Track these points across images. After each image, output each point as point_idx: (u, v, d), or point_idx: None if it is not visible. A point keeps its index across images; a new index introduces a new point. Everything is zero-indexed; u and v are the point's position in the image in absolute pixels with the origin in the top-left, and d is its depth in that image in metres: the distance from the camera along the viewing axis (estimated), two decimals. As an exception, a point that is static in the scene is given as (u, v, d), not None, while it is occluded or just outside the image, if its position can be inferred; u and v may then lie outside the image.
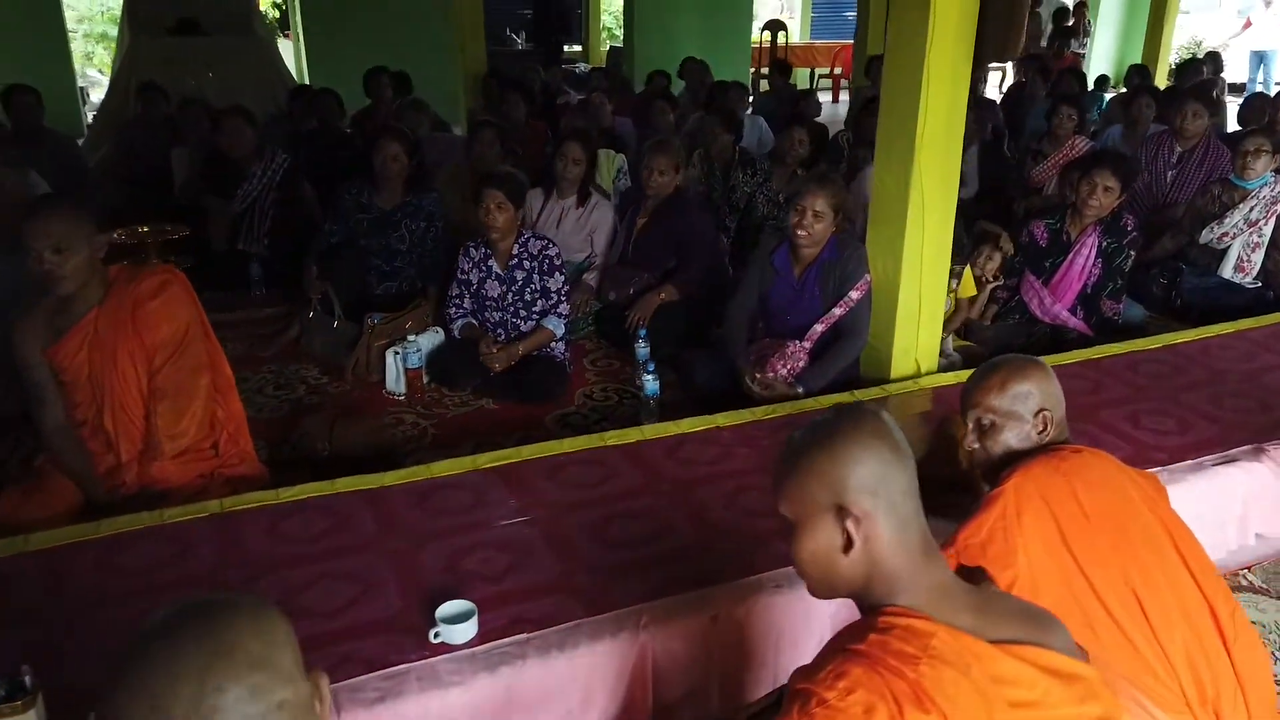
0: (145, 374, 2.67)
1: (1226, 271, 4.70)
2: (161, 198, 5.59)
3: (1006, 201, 6.17)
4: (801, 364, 3.40)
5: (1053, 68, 9.58)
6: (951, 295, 4.09)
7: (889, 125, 3.25)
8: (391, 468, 2.74)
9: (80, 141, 7.50)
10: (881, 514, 1.28)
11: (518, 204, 3.66)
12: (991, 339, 4.15)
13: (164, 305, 2.67)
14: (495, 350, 3.63)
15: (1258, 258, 4.68)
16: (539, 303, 3.75)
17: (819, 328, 3.42)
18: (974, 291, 4.20)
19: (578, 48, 15.36)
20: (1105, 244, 4.06)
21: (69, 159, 5.75)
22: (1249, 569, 2.70)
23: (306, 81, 11.03)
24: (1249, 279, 4.69)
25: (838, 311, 3.40)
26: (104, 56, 14.62)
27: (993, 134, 8.22)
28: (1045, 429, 1.93)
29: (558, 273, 3.74)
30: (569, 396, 3.75)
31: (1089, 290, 4.12)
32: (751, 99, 9.58)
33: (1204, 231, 4.77)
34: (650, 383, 3.47)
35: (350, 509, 2.44)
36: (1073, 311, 4.14)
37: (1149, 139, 5.83)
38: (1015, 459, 1.91)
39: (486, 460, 2.70)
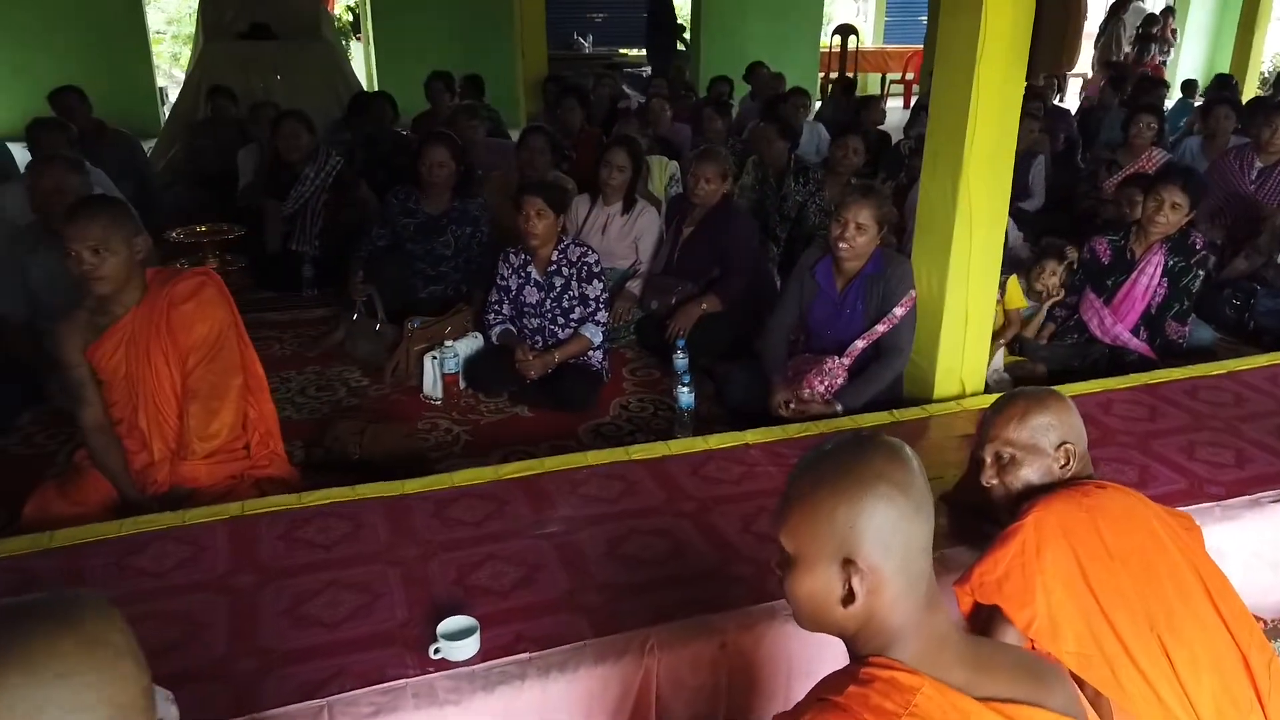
0: (179, 374, 2.71)
1: (1305, 293, 4.46)
2: (227, 199, 5.73)
3: (1081, 214, 5.95)
4: (840, 381, 3.31)
5: (1130, 76, 9.27)
6: (999, 307, 3.95)
7: (937, 135, 3.15)
8: (422, 474, 2.75)
9: (155, 142, 7.74)
10: (891, 571, 1.18)
11: (558, 211, 3.64)
12: (1047, 358, 4.00)
13: (198, 307, 2.71)
14: (531, 358, 3.62)
15: (1340, 279, 4.44)
16: (577, 310, 3.73)
17: (860, 344, 3.32)
18: (1022, 304, 4.04)
19: (643, 51, 15.36)
20: (1171, 263, 3.88)
21: (130, 158, 5.92)
22: (1306, 615, 2.54)
23: (376, 84, 11.28)
24: (1329, 301, 4.45)
25: (880, 328, 3.30)
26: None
27: (1065, 144, 8.00)
28: (1068, 463, 1.83)
29: (596, 280, 3.71)
30: (604, 406, 3.71)
31: (1153, 311, 3.94)
32: (818, 104, 9.46)
33: (1283, 251, 4.54)
34: (685, 395, 3.42)
35: (369, 516, 2.44)
36: (1135, 333, 3.96)
37: (1228, 152, 5.56)
38: (1036, 495, 1.81)
39: (510, 471, 2.67)
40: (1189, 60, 14.12)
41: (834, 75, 14.45)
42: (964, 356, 3.28)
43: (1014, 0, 2.86)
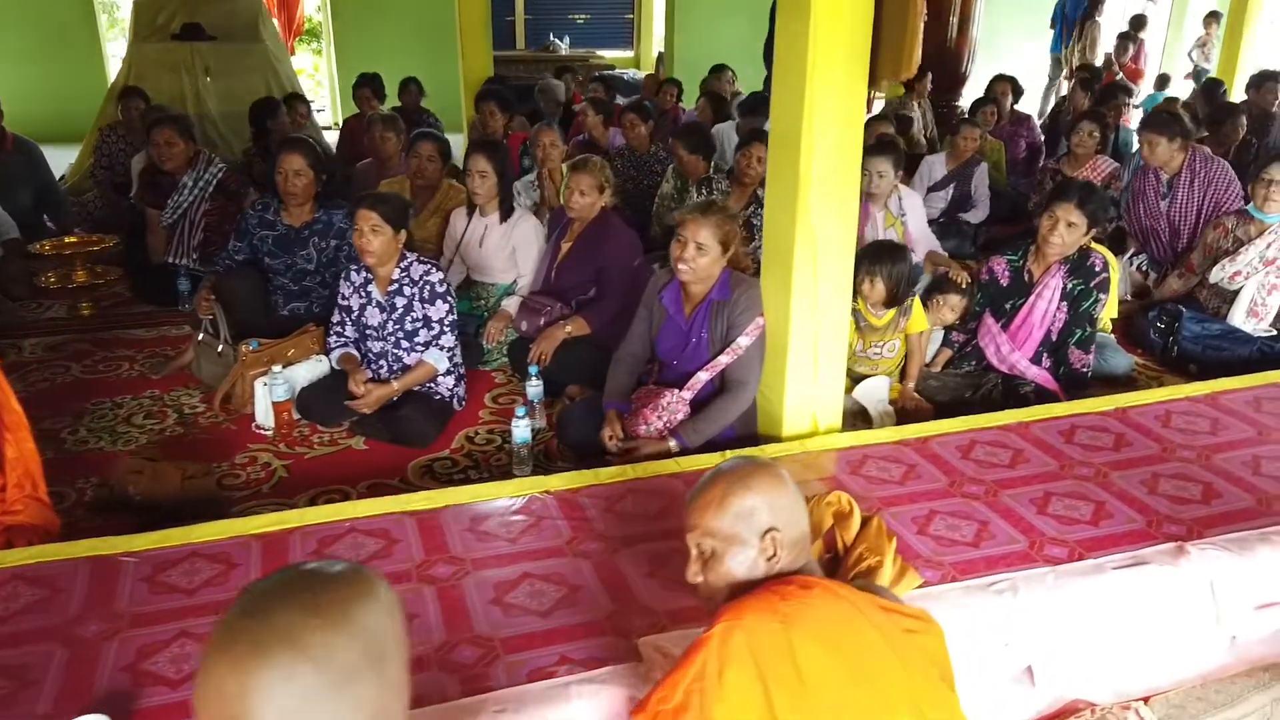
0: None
1: (1238, 316, 4.11)
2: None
3: (1033, 227, 5.60)
4: (679, 417, 3.02)
5: (1101, 79, 8.90)
6: (899, 335, 3.65)
7: (776, 151, 2.85)
8: (217, 517, 2.50)
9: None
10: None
11: (397, 226, 3.36)
12: (937, 388, 3.69)
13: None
14: (366, 388, 3.34)
15: (1274, 301, 4.10)
16: (421, 333, 3.45)
17: (703, 376, 3.03)
18: (924, 326, 3.73)
19: (629, 53, 15.09)
20: (1070, 286, 3.56)
21: (31, 166, 5.70)
22: (1145, 700, 2.22)
23: (337, 88, 11.07)
24: (1263, 325, 4.11)
25: (724, 359, 3.01)
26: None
27: (1028, 150, 7.65)
28: (775, 554, 1.53)
29: (440, 301, 3.44)
30: (450, 438, 3.43)
31: (1054, 338, 3.62)
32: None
33: (1214, 269, 4.20)
34: (519, 429, 3.13)
35: (64, 581, 2.17)
36: (1037, 361, 3.64)
37: (1146, 167, 5.14)
38: (741, 593, 1.52)
39: (256, 525, 2.39)
40: (1183, 62, 13.66)
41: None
42: (815, 391, 2.98)
43: (847, 1, 2.55)
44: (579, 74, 9.13)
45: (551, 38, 13.27)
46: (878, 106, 8.04)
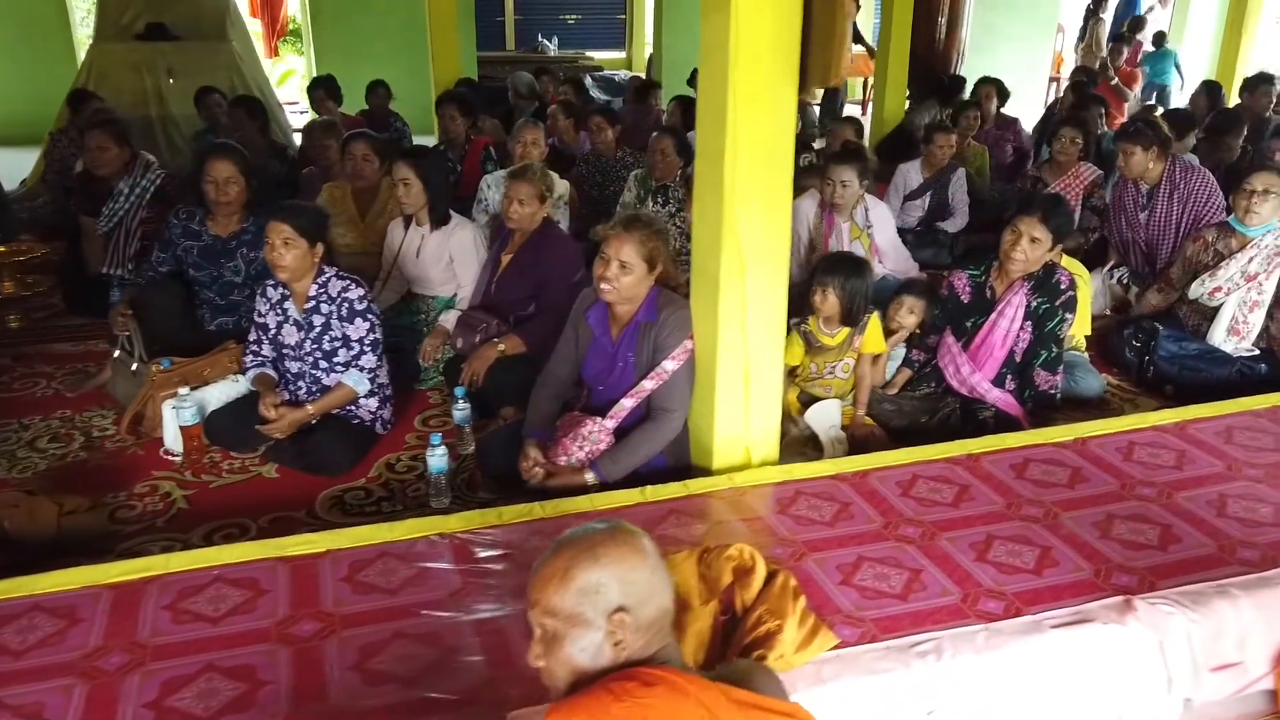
0: None
1: (1218, 334, 3.88)
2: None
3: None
4: (602, 446, 2.80)
5: (1098, 82, 8.67)
6: (853, 354, 3.43)
7: (703, 159, 2.63)
8: (93, 554, 2.32)
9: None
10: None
11: (313, 239, 3.16)
12: (892, 412, 3.46)
13: None
14: (278, 412, 3.13)
15: (1256, 319, 3.86)
16: (341, 353, 3.24)
17: (627, 403, 2.82)
18: (882, 348, 3.50)
19: (621, 54, 14.87)
20: (1034, 304, 3.34)
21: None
22: (1085, 779, 2.00)
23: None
24: (1245, 344, 3.87)
25: (649, 385, 2.79)
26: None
27: (1015, 155, 7.42)
28: (621, 640, 1.31)
29: (360, 319, 3.22)
30: (368, 465, 3.22)
31: (1017, 358, 3.40)
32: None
33: (1194, 285, 3.97)
34: (435, 458, 2.92)
35: None
36: (1000, 383, 3.41)
37: (1118, 184, 4.91)
38: (587, 683, 1.30)
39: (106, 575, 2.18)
40: (1192, 64, 13.39)
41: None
42: (748, 420, 2.76)
43: (771, -2, 2.34)
44: (558, 74, 8.91)
45: (540, 38, 13.07)
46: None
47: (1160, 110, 8.25)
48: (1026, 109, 9.51)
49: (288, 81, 12.91)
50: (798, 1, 2.36)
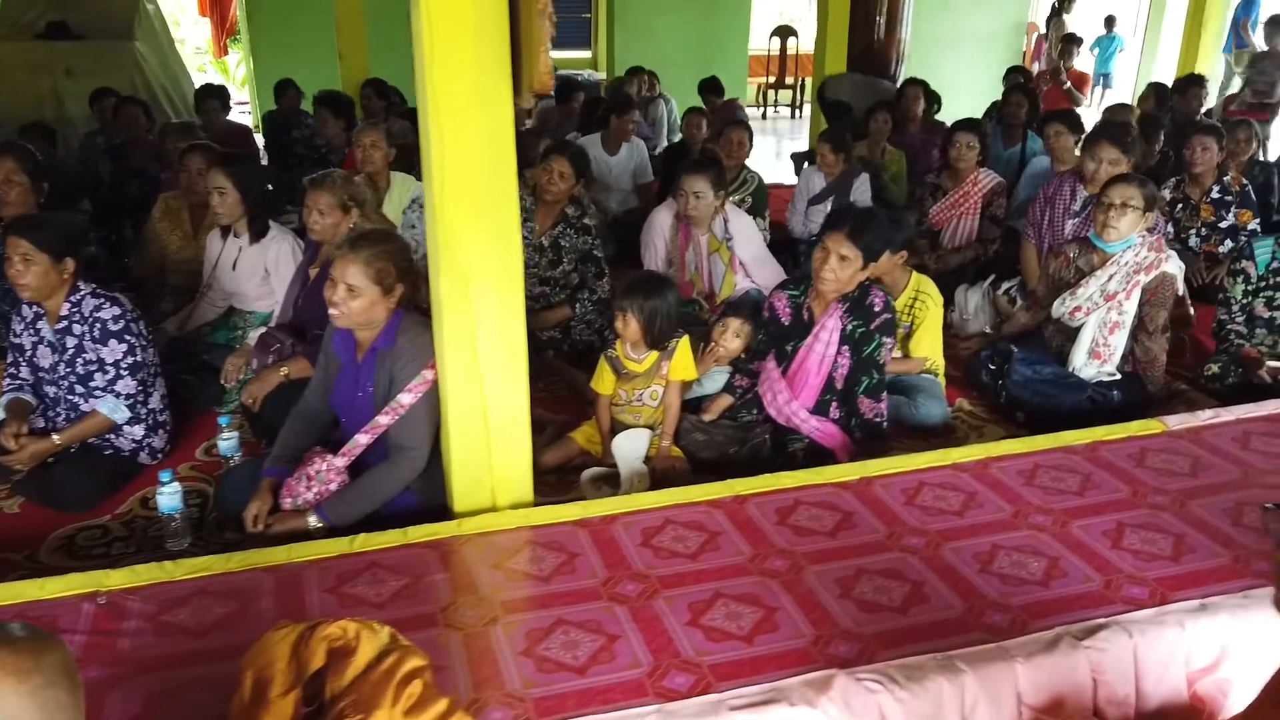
0: None
1: (1079, 358, 3.60)
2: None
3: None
4: (333, 487, 2.56)
5: (1041, 90, 8.38)
6: (662, 380, 3.18)
7: (425, 167, 2.37)
8: None
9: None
10: None
11: (59, 254, 2.92)
12: (702, 444, 3.19)
13: None
14: (19, 442, 2.90)
15: (1117, 341, 3.58)
16: (97, 377, 3.01)
17: (362, 439, 2.58)
18: (691, 374, 3.25)
19: (586, 54, 14.64)
20: (850, 328, 3.08)
21: None
22: None
23: (256, 91, 10.66)
24: (1107, 368, 3.59)
25: (384, 420, 2.55)
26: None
27: (943, 160, 7.12)
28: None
29: (115, 340, 2.98)
30: (121, 499, 2.98)
31: (838, 385, 3.14)
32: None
33: (1055, 304, 3.70)
34: (165, 496, 2.67)
35: None
36: (823, 410, 3.15)
37: (1064, 178, 4.70)
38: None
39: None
40: (1161, 65, 13.09)
41: (771, 80, 13.73)
42: (491, 460, 2.50)
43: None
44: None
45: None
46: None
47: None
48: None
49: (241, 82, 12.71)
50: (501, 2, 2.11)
